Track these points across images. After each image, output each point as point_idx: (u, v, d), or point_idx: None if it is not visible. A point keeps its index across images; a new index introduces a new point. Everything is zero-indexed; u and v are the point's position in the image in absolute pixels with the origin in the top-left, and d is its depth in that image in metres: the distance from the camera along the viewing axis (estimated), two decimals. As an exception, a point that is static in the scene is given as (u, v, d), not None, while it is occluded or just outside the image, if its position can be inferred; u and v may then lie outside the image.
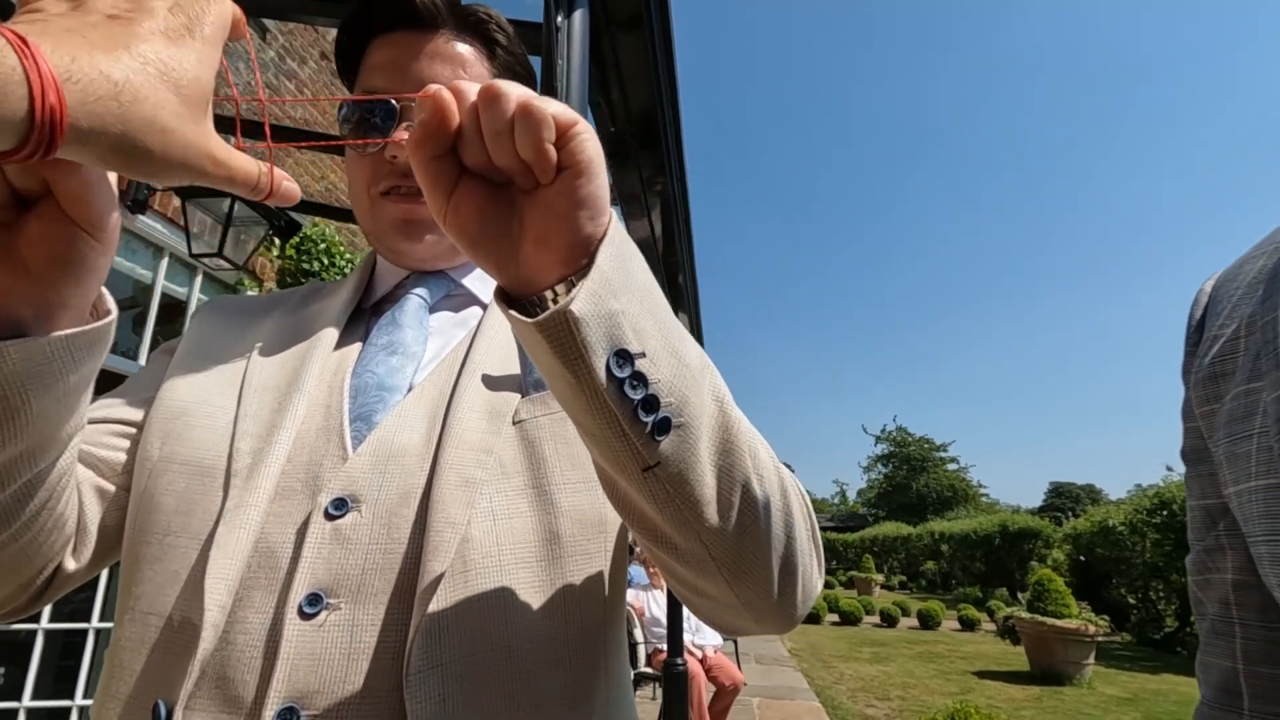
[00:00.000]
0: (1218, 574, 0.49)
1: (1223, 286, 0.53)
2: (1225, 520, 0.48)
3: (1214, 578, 0.50)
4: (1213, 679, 0.49)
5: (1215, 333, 0.50)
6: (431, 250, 0.68)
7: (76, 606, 3.49)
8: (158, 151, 0.32)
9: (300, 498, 0.53)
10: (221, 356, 0.64)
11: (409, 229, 0.66)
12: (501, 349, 0.62)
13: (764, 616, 0.50)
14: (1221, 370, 0.48)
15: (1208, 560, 0.51)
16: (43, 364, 0.40)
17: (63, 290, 0.40)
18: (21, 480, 0.45)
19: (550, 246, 0.39)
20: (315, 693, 0.46)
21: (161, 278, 3.50)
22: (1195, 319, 0.55)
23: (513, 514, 0.54)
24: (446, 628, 0.48)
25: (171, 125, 0.32)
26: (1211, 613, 0.50)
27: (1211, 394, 0.49)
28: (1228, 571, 0.48)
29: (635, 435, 0.39)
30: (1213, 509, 0.50)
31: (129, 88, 0.31)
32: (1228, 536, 0.48)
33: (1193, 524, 0.53)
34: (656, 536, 0.45)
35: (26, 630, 3.33)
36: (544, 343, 0.38)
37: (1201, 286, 0.56)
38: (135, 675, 0.49)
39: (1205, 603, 0.51)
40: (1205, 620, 0.51)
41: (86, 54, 0.30)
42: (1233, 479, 0.45)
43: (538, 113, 0.36)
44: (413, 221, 0.66)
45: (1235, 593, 0.48)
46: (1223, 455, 0.46)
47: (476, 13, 0.68)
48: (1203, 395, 0.50)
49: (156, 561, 0.52)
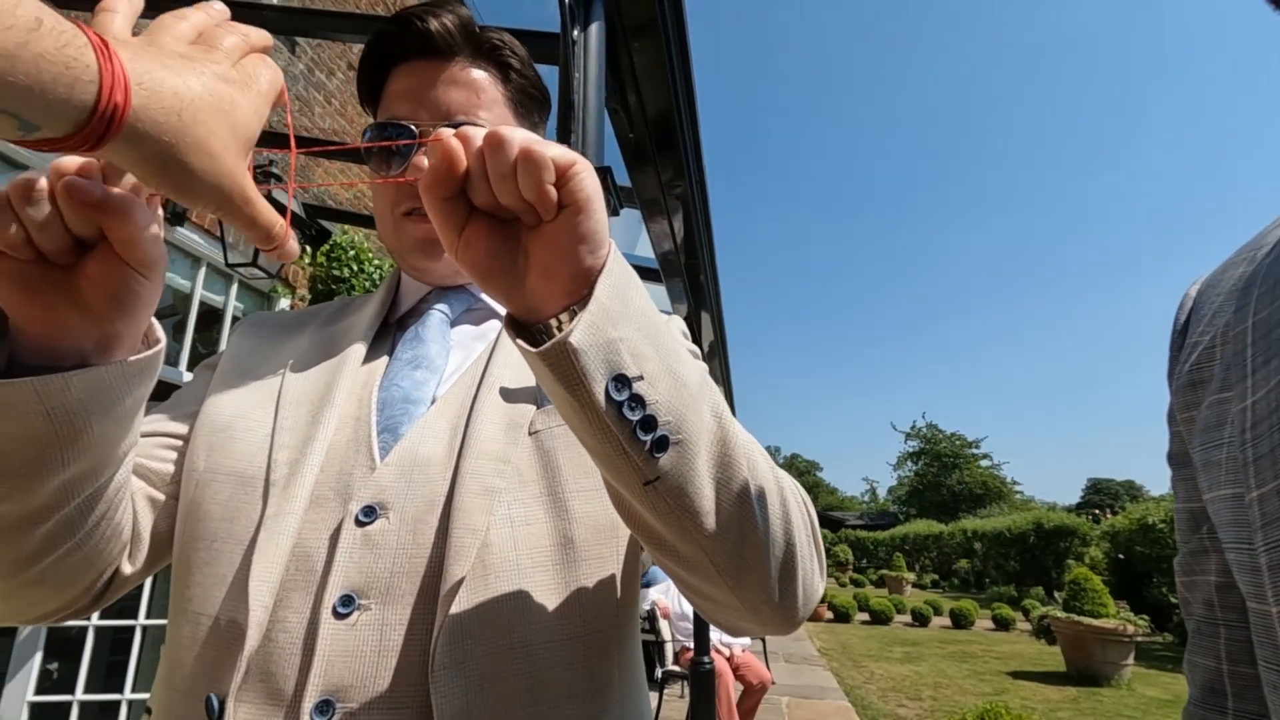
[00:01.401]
0: (1202, 575, 0.50)
1: (1205, 292, 0.54)
2: (1209, 524, 0.49)
3: (1199, 579, 0.51)
4: (1198, 679, 0.50)
5: (1195, 339, 0.51)
6: (450, 268, 0.72)
7: (124, 604, 3.63)
8: (199, 171, 0.35)
9: (333, 505, 0.57)
10: (259, 372, 0.68)
11: (429, 248, 0.70)
12: (519, 362, 0.66)
13: (765, 619, 0.52)
14: (1199, 378, 0.49)
15: (1193, 562, 0.52)
16: (102, 390, 0.45)
17: (118, 324, 0.45)
18: (84, 494, 0.50)
19: (554, 278, 0.42)
20: (349, 687, 0.50)
21: (200, 287, 3.62)
22: (1179, 324, 0.55)
23: (530, 520, 0.57)
24: (468, 628, 0.51)
25: (218, 152, 0.35)
26: (1197, 613, 0.51)
27: (1190, 401, 0.50)
28: (1211, 573, 0.49)
29: (635, 453, 0.42)
30: (1197, 512, 0.51)
31: (191, 107, 0.34)
32: (1210, 539, 0.49)
33: (1179, 526, 0.54)
34: (660, 544, 0.48)
35: (78, 627, 3.48)
36: (547, 370, 0.41)
37: (1187, 291, 0.57)
38: (189, 670, 0.53)
39: (1192, 603, 0.52)
40: (1192, 620, 0.52)
41: (161, 71, 0.33)
42: (1207, 486, 0.46)
43: (538, 157, 0.39)
44: (432, 241, 0.69)
45: (1219, 594, 0.49)
46: (1199, 462, 0.47)
47: (491, 39, 0.71)
48: (1182, 402, 0.51)
49: (205, 566, 0.56)
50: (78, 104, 0.29)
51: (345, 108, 4.90)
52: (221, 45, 0.39)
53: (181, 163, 0.34)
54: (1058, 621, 8.69)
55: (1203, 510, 0.50)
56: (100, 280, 0.42)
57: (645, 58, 1.91)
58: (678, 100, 2.17)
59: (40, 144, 0.31)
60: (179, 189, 0.35)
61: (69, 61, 0.28)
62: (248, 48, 0.41)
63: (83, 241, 0.42)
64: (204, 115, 0.34)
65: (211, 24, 0.41)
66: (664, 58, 1.91)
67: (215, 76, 0.36)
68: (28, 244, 0.40)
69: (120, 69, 0.30)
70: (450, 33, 0.69)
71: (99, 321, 0.44)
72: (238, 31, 0.41)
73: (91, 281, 0.42)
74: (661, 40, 1.84)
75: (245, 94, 0.38)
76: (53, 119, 0.29)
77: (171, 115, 0.33)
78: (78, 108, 0.29)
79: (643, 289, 0.46)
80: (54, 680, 3.56)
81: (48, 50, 0.28)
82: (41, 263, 0.42)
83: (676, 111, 2.21)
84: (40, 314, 0.43)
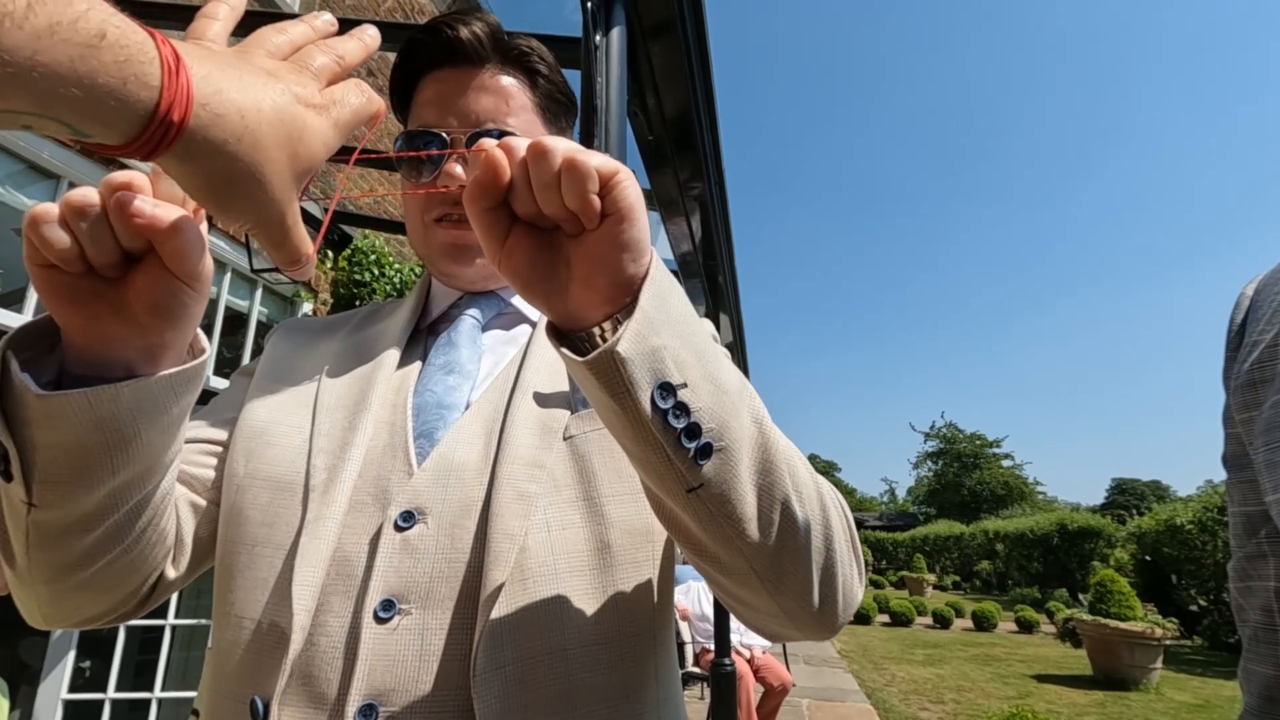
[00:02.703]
0: (1260, 581, 0.49)
1: (1264, 291, 0.53)
2: (1268, 527, 0.48)
3: (1256, 585, 0.50)
4: (1255, 687, 0.49)
5: (1255, 338, 0.50)
6: (479, 273, 0.72)
7: (153, 604, 3.70)
8: (245, 194, 0.34)
9: (371, 510, 0.57)
10: (294, 377, 0.69)
11: (458, 253, 0.70)
12: (550, 366, 0.66)
13: (805, 625, 0.52)
14: (1260, 377, 0.48)
15: (1249, 567, 0.51)
16: (150, 400, 0.46)
17: (165, 335, 0.45)
18: (133, 501, 0.51)
19: (595, 287, 0.42)
20: (391, 691, 0.50)
21: (225, 292, 3.68)
22: (1236, 323, 0.54)
23: (565, 525, 0.57)
24: (508, 632, 0.52)
25: (270, 181, 0.35)
26: (1254, 620, 0.50)
27: (1250, 400, 0.49)
28: (1270, 579, 0.48)
29: (679, 460, 0.42)
30: (1254, 516, 0.50)
31: (253, 134, 0.33)
32: (1269, 543, 0.48)
33: (1234, 531, 0.53)
34: (701, 551, 0.48)
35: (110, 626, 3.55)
36: (593, 379, 0.41)
37: (1243, 290, 0.56)
38: (232, 673, 0.54)
39: (1247, 610, 0.51)
40: (1248, 627, 0.51)
41: (234, 92, 0.32)
42: (1271, 486, 0.45)
43: (582, 166, 0.39)
44: (461, 246, 0.70)
45: (1278, 600, 0.48)
46: (1262, 462, 0.46)
47: (519, 46, 0.72)
48: (1242, 401, 0.50)
49: (246, 570, 0.57)
50: (130, 118, 0.29)
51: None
52: (311, 65, 0.39)
53: (229, 184, 0.34)
54: (1083, 624, 8.55)
55: (1262, 514, 0.49)
56: (148, 292, 0.43)
57: (664, 59, 1.91)
58: (696, 101, 2.17)
59: (92, 146, 0.31)
60: (218, 205, 0.35)
61: (128, 77, 0.28)
62: (340, 70, 0.41)
63: (131, 254, 0.43)
64: (266, 142, 0.34)
65: (312, 39, 0.41)
66: (683, 58, 1.91)
67: (293, 99, 0.35)
68: (80, 257, 0.41)
69: (185, 87, 0.30)
70: (479, 40, 0.69)
71: (146, 332, 0.44)
72: (333, 52, 0.40)
73: (139, 293, 0.43)
74: (680, 41, 1.84)
75: (320, 120, 0.37)
76: (104, 131, 0.29)
77: (230, 140, 0.32)
78: (130, 122, 0.29)
79: (683, 295, 0.46)
80: (86, 678, 3.63)
81: (106, 65, 0.27)
82: (91, 275, 0.42)
83: (695, 112, 2.20)
84: (89, 325, 0.43)
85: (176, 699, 3.58)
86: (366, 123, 0.42)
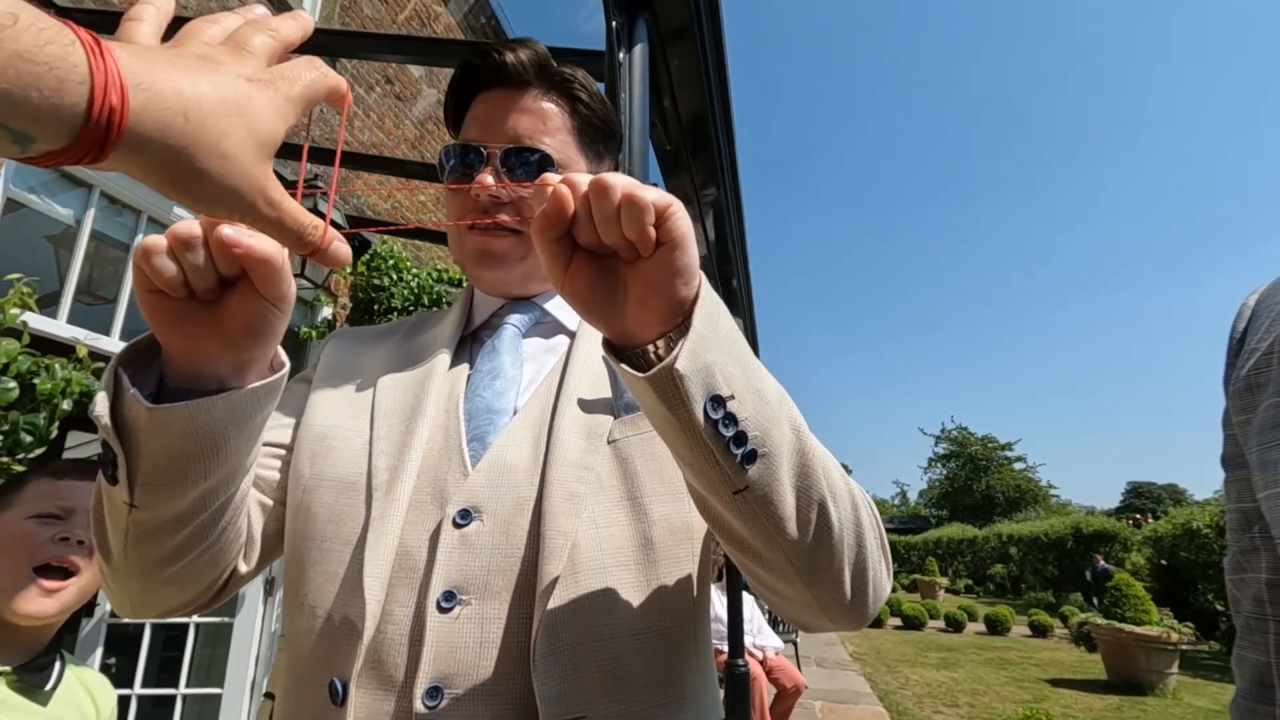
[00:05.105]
0: (1252, 573, 0.53)
1: (1264, 302, 0.57)
2: (1261, 523, 0.52)
3: (1249, 577, 0.54)
4: (1247, 672, 0.53)
5: (1253, 346, 0.54)
6: (504, 278, 0.76)
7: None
8: (215, 174, 0.33)
9: (430, 509, 0.62)
10: (351, 384, 0.74)
11: (484, 259, 0.75)
12: (591, 374, 0.70)
13: (837, 616, 0.56)
14: (1256, 382, 0.52)
15: (1243, 560, 0.54)
16: (240, 410, 0.51)
17: (254, 351, 0.50)
18: (218, 501, 0.56)
19: (650, 309, 0.47)
20: (455, 675, 0.55)
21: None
22: (1238, 332, 0.58)
23: (611, 523, 0.61)
24: (562, 622, 0.56)
25: (234, 154, 0.33)
26: (1246, 610, 0.54)
27: (1247, 404, 0.53)
28: (1262, 571, 0.52)
29: (727, 465, 0.46)
30: (1249, 512, 0.54)
31: (199, 109, 0.31)
32: (1263, 539, 0.52)
33: (1231, 526, 0.57)
34: (743, 547, 0.52)
35: (135, 624, 3.63)
36: (652, 392, 0.45)
37: (1245, 301, 0.60)
38: (307, 658, 0.59)
39: (1241, 600, 0.55)
40: (1240, 617, 0.55)
41: (165, 71, 0.30)
42: (1263, 484, 0.49)
43: (641, 201, 0.43)
44: (488, 252, 0.74)
45: (1269, 591, 0.51)
46: (1255, 462, 0.50)
47: (562, 73, 0.76)
48: (1239, 405, 0.54)
49: (317, 564, 0.62)
50: (69, 108, 0.27)
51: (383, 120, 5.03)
52: (249, 45, 0.38)
53: (193, 168, 0.32)
54: (1099, 628, 8.49)
55: (1255, 510, 0.53)
56: (241, 313, 0.48)
57: (682, 66, 1.95)
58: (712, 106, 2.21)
59: (42, 160, 0.29)
60: (194, 196, 0.34)
61: (53, 60, 0.26)
62: (279, 45, 0.40)
63: (226, 280, 0.47)
64: (215, 115, 0.32)
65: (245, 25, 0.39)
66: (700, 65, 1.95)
67: (234, 76, 0.34)
68: (184, 284, 0.46)
69: (114, 68, 0.28)
70: (524, 65, 0.74)
71: (238, 349, 0.49)
72: (266, 27, 0.40)
73: (234, 314, 0.48)
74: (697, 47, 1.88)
75: (267, 92, 0.36)
76: (44, 128, 0.27)
77: (177, 117, 0.30)
78: (70, 112, 0.27)
79: (728, 313, 0.50)
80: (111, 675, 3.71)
81: (25, 48, 0.25)
82: (191, 299, 0.47)
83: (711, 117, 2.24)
84: (189, 343, 0.48)
85: (200, 695, 3.66)
86: (329, 101, 0.41)
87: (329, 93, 0.41)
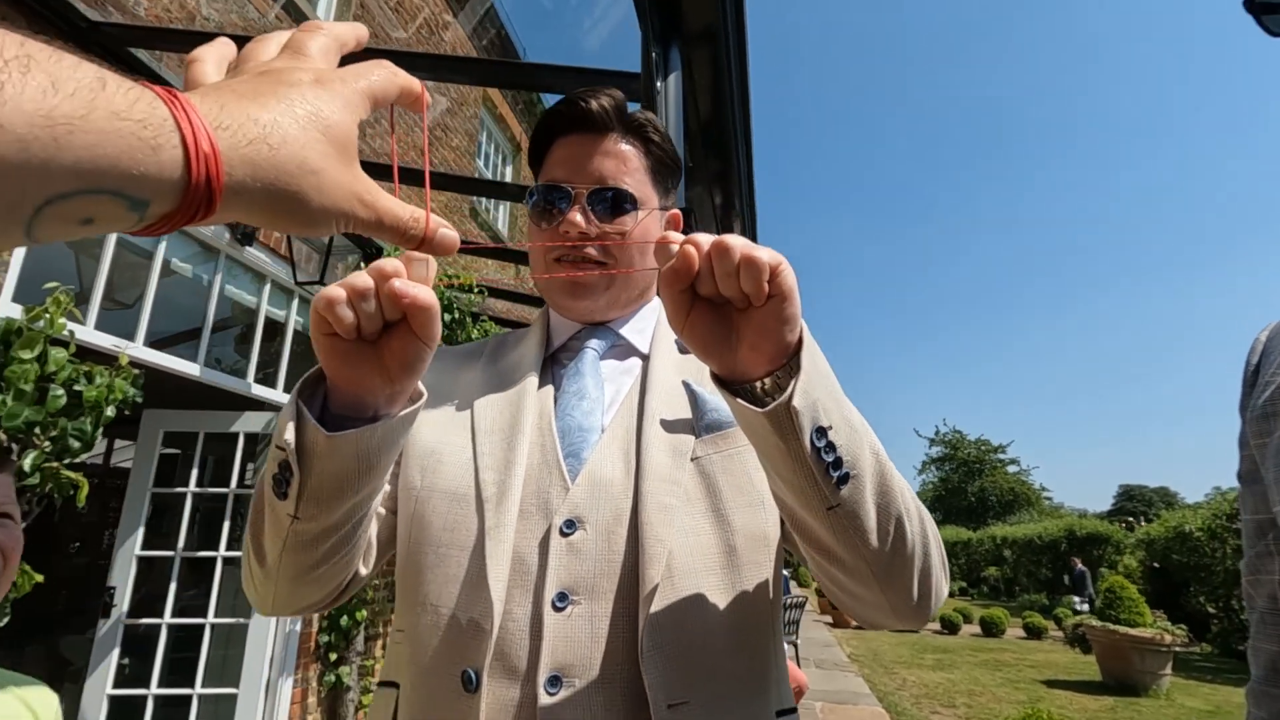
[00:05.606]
0: (1266, 575, 0.62)
1: (1274, 339, 0.65)
2: (1274, 532, 0.61)
3: (1263, 578, 0.62)
4: (1261, 660, 0.61)
5: (1268, 379, 0.63)
6: (591, 306, 0.83)
7: (185, 603, 3.83)
8: (311, 192, 0.32)
9: (537, 519, 0.69)
10: (448, 403, 0.81)
11: (574, 290, 0.82)
12: (668, 394, 0.77)
13: (905, 615, 0.64)
14: (1272, 411, 0.61)
15: (1259, 563, 0.63)
16: (392, 434, 0.58)
17: (406, 383, 0.57)
18: (361, 513, 0.63)
19: (760, 351, 0.54)
20: (571, 665, 0.62)
21: (265, 302, 3.82)
22: (1252, 365, 0.67)
23: (699, 532, 0.69)
24: (663, 621, 0.63)
25: (320, 165, 0.33)
26: (1261, 606, 0.63)
27: (1264, 430, 0.62)
28: (1275, 573, 0.61)
29: (825, 485, 0.54)
30: (1263, 522, 0.63)
31: (276, 129, 0.31)
32: (1276, 544, 0.61)
33: (1246, 533, 0.66)
34: (828, 555, 0.60)
35: (152, 625, 3.68)
36: (768, 424, 0.53)
37: (1257, 336, 0.69)
38: (434, 651, 0.66)
39: (1256, 598, 0.64)
40: (1255, 613, 0.63)
41: (234, 102, 0.30)
42: (1278, 499, 0.57)
43: (758, 261, 0.50)
44: (578, 284, 0.81)
45: None
46: (1272, 480, 0.59)
47: (638, 118, 0.84)
48: (1256, 430, 0.63)
49: (435, 568, 0.69)
50: (170, 164, 0.27)
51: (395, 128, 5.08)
52: (306, 49, 0.37)
53: (290, 192, 0.32)
54: (1093, 630, 8.62)
55: (1270, 520, 0.61)
56: (400, 352, 0.54)
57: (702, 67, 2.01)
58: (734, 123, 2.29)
59: (158, 225, 0.29)
60: (301, 221, 0.33)
61: (145, 117, 0.26)
62: (333, 43, 0.39)
63: (388, 323, 0.54)
64: (292, 131, 0.31)
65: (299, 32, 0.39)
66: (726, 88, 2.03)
67: (297, 83, 0.34)
68: (355, 327, 0.53)
69: (196, 115, 0.28)
70: (607, 112, 0.81)
71: (393, 382, 0.56)
72: (320, 30, 0.39)
73: (394, 353, 0.55)
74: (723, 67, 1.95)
75: (331, 91, 0.35)
76: (153, 187, 0.27)
77: (261, 146, 0.30)
78: (171, 168, 0.27)
79: (822, 353, 0.57)
80: (126, 675, 3.75)
81: (119, 108, 0.25)
82: (359, 340, 0.54)
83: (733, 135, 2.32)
84: (355, 378, 0.56)
85: (215, 695, 3.71)
86: (403, 103, 0.41)
87: (401, 93, 0.40)
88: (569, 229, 0.79)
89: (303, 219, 0.33)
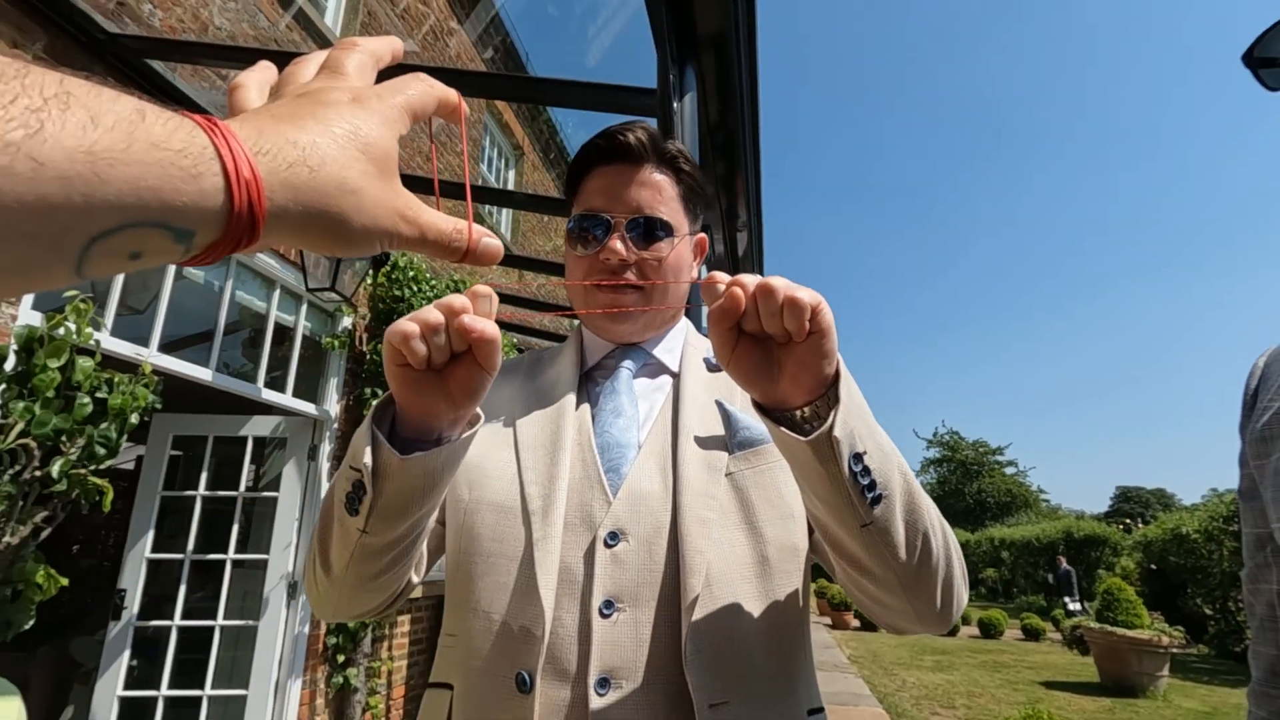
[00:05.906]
0: (1265, 585, 0.67)
1: (1273, 364, 0.71)
2: (1272, 545, 0.66)
3: (1262, 587, 0.68)
4: (1261, 664, 0.66)
5: (1266, 404, 0.68)
6: (630, 329, 0.88)
7: (194, 605, 3.86)
8: (352, 214, 0.32)
9: (581, 531, 0.73)
10: (493, 420, 0.85)
11: (615, 315, 0.86)
12: (701, 411, 0.82)
13: (929, 622, 0.69)
14: (1270, 434, 0.66)
15: (1258, 574, 0.69)
16: (454, 456, 0.63)
17: (467, 409, 0.62)
18: (421, 527, 0.68)
19: (800, 383, 0.59)
20: (619, 668, 0.67)
21: (274, 307, 3.86)
22: (1250, 389, 0.72)
23: (734, 543, 0.73)
24: (704, 627, 0.68)
25: (360, 184, 0.32)
26: (1260, 613, 0.68)
27: (1262, 451, 0.67)
28: (1274, 583, 0.66)
29: (860, 505, 0.59)
30: (1263, 536, 0.68)
31: (315, 150, 0.30)
32: (1274, 557, 0.66)
33: (1247, 546, 0.72)
34: (860, 567, 0.65)
35: (162, 627, 3.71)
36: (810, 451, 0.57)
37: (1256, 362, 0.74)
38: (487, 655, 0.70)
39: (1256, 605, 0.69)
40: (1255, 619, 0.69)
41: (272, 126, 0.30)
42: (1276, 516, 0.62)
43: (801, 302, 0.55)
44: (614, 308, 0.86)
45: (1279, 598, 0.65)
46: (1270, 498, 0.64)
47: (670, 150, 0.88)
48: (1255, 451, 0.68)
49: (485, 576, 0.73)
50: (212, 192, 0.26)
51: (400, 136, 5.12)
52: (342, 68, 0.37)
53: (331, 214, 0.31)
54: (1091, 632, 8.68)
55: (1268, 535, 0.67)
56: (464, 379, 0.59)
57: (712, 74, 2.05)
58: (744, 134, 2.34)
59: (203, 255, 0.29)
60: (344, 243, 0.33)
61: (185, 146, 0.26)
62: (369, 59, 0.39)
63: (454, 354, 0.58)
64: (331, 152, 0.31)
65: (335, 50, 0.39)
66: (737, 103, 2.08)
67: (333, 103, 0.33)
68: (426, 359, 0.57)
69: (235, 141, 0.28)
70: (644, 144, 0.86)
71: (457, 407, 0.61)
72: (355, 48, 0.39)
73: (459, 381, 0.59)
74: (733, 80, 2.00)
75: (369, 108, 0.34)
76: (197, 216, 0.26)
77: (301, 169, 0.30)
78: (214, 195, 0.27)
79: (855, 384, 0.62)
80: (136, 677, 3.79)
81: (159, 138, 0.25)
82: (428, 370, 0.59)
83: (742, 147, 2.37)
84: (423, 404, 0.60)
85: (225, 696, 3.74)
86: (442, 114, 0.41)
87: (439, 104, 0.40)
88: (609, 255, 0.83)
89: (345, 240, 0.33)
